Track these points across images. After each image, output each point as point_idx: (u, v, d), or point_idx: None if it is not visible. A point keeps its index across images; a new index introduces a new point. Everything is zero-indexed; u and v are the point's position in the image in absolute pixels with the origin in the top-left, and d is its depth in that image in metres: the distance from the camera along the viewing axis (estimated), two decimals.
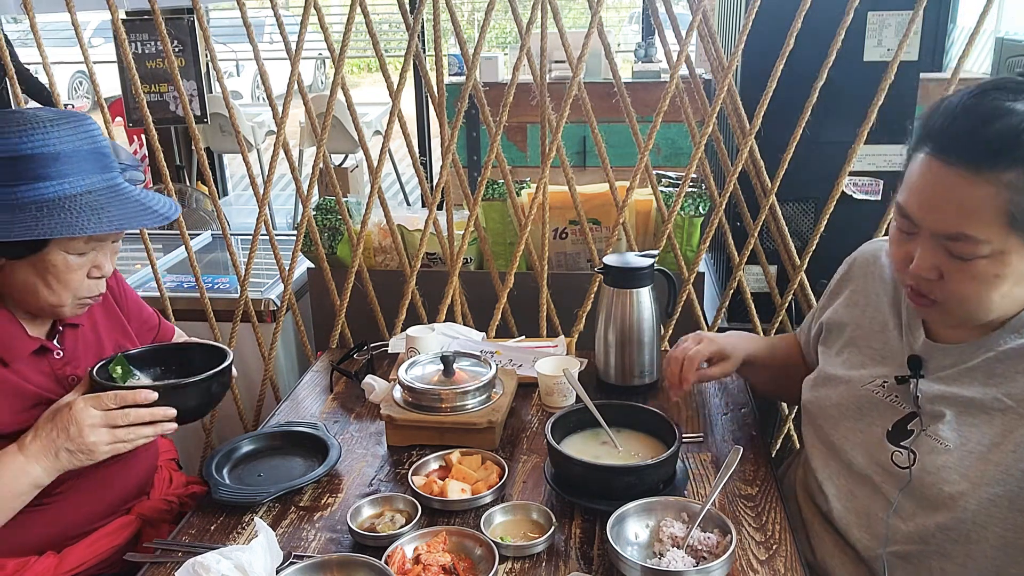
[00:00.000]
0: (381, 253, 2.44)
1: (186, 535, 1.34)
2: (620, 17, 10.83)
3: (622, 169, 2.16)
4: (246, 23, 2.11)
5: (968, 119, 1.09)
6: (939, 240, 1.12)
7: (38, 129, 1.30)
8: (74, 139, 1.33)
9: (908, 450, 1.24)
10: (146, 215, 1.39)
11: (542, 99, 2.07)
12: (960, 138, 1.08)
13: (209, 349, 1.58)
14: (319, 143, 2.17)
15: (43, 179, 1.30)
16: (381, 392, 1.76)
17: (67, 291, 1.38)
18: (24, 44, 6.06)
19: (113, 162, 1.41)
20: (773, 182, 2.03)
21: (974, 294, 1.13)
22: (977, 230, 1.08)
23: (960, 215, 1.09)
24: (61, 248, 1.35)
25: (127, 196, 1.39)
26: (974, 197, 1.07)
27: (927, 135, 1.13)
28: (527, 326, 2.22)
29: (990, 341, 1.22)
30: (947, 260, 1.13)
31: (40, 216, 1.29)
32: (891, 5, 2.01)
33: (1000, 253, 1.09)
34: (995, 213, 1.07)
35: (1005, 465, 1.16)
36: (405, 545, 1.23)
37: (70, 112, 1.37)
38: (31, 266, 1.35)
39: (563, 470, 1.39)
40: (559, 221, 2.32)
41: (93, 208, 1.32)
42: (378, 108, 6.25)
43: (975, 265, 1.11)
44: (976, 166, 1.07)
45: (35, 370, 1.44)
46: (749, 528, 1.32)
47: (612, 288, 1.78)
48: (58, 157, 1.31)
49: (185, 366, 1.56)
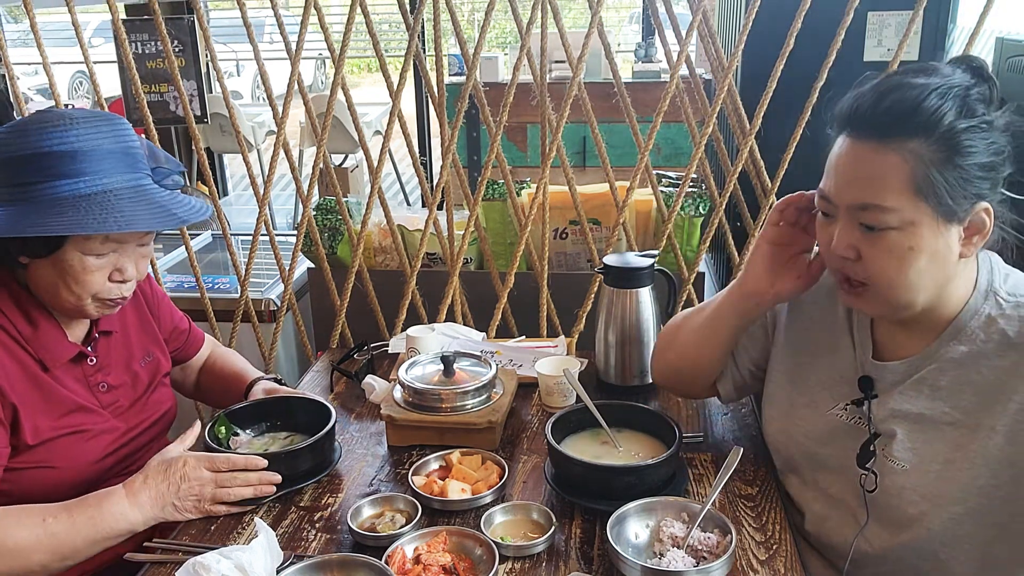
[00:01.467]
0: (381, 253, 2.44)
1: (186, 535, 1.34)
2: (620, 17, 10.83)
3: (622, 169, 2.16)
4: (246, 23, 2.11)
5: (872, 94, 1.13)
6: (853, 214, 1.14)
7: (59, 127, 1.30)
8: (97, 137, 1.32)
9: (871, 472, 1.24)
10: (163, 217, 1.36)
11: (542, 99, 2.07)
12: (865, 113, 1.12)
13: (308, 403, 1.60)
14: (319, 143, 2.17)
15: (60, 176, 1.29)
16: (381, 392, 1.76)
17: (85, 292, 1.37)
18: (24, 44, 6.06)
19: (141, 163, 1.39)
20: (773, 182, 2.03)
21: (892, 270, 1.13)
22: (884, 198, 1.10)
23: (869, 185, 1.11)
24: (77, 248, 1.34)
25: (150, 198, 1.37)
26: (881, 166, 1.10)
27: (840, 119, 1.17)
28: (527, 326, 2.22)
29: (932, 352, 1.21)
30: (862, 236, 1.14)
31: (50, 214, 1.28)
32: (891, 5, 2.02)
33: (910, 224, 1.10)
34: (901, 181, 1.09)
35: (962, 483, 1.16)
36: (405, 545, 1.23)
37: (101, 112, 1.37)
38: (51, 265, 1.35)
39: (563, 470, 1.39)
40: (559, 221, 2.32)
41: (104, 207, 1.30)
42: (378, 108, 6.24)
43: (887, 237, 1.12)
44: (881, 137, 1.10)
45: (70, 376, 1.44)
46: (749, 528, 1.31)
47: (612, 288, 1.78)
48: (76, 155, 1.30)
49: (288, 420, 1.59)
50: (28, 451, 1.37)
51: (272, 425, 1.59)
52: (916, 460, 1.20)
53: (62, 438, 1.40)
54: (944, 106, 1.08)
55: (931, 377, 1.21)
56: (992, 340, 1.17)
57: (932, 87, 1.09)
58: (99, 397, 1.48)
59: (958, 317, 1.20)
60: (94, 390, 1.48)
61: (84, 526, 1.29)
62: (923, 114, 1.08)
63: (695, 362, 1.49)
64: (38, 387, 1.39)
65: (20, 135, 1.30)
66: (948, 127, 1.08)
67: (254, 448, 1.51)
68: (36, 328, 1.40)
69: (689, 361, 1.50)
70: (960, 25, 2.27)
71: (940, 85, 1.10)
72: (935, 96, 1.09)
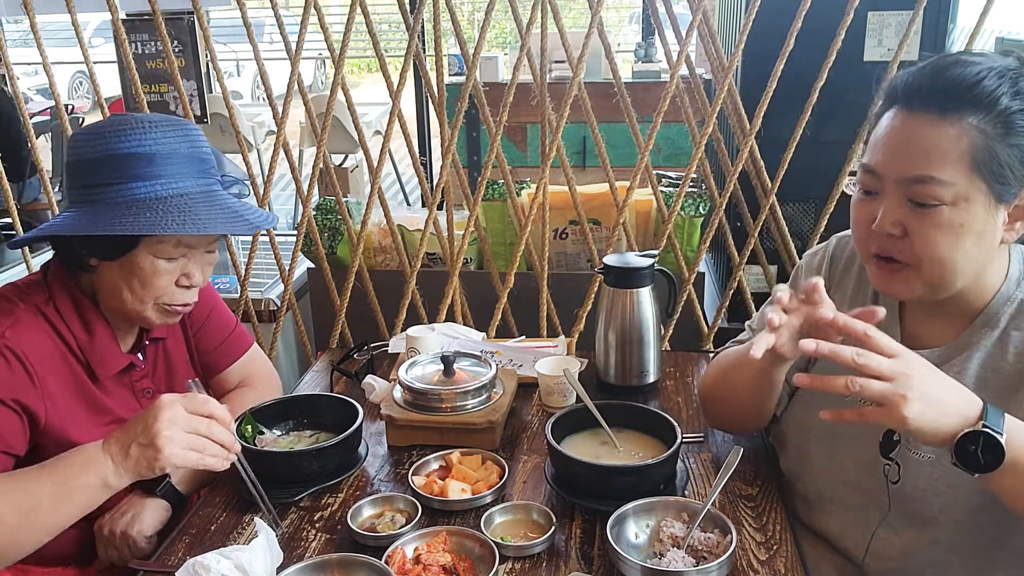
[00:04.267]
0: (381, 253, 2.44)
1: (186, 534, 1.34)
2: (620, 17, 10.83)
3: (622, 169, 2.16)
4: (246, 23, 2.11)
5: (929, 69, 1.13)
6: (904, 187, 1.12)
7: (136, 130, 1.30)
8: (172, 141, 1.32)
9: (895, 462, 1.24)
10: (236, 222, 1.37)
11: (542, 99, 2.07)
12: (922, 87, 1.12)
13: (333, 401, 1.59)
14: (319, 143, 2.17)
15: (137, 179, 1.30)
16: (381, 392, 1.76)
17: (150, 296, 1.37)
18: (24, 44, 6.05)
19: (212, 169, 1.40)
20: (773, 182, 2.03)
21: (940, 248, 1.12)
22: (941, 171, 1.09)
23: (925, 157, 1.10)
24: (150, 251, 1.34)
25: (221, 203, 1.37)
26: (939, 138, 1.09)
27: (892, 94, 1.16)
28: (527, 326, 2.22)
29: (966, 339, 1.20)
30: (910, 212, 1.12)
31: (128, 214, 1.28)
32: (891, 5, 2.01)
33: (964, 200, 1.10)
34: (958, 154, 1.08)
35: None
36: (405, 545, 1.23)
37: (174, 118, 1.37)
38: (119, 268, 1.35)
39: (563, 470, 1.38)
40: (559, 221, 2.32)
41: (181, 210, 1.31)
42: (378, 108, 6.24)
43: (939, 213, 1.10)
44: (940, 109, 1.10)
45: (117, 384, 1.45)
46: (749, 528, 1.31)
47: (612, 288, 1.78)
48: (153, 158, 1.30)
49: (314, 419, 1.58)
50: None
51: (298, 423, 1.59)
52: (942, 450, 1.20)
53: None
54: (1002, 86, 1.08)
55: (959, 364, 1.20)
56: (1021, 328, 1.17)
57: (990, 66, 1.10)
58: (142, 403, 1.48)
59: (990, 304, 1.19)
60: (139, 396, 1.48)
61: (49, 475, 1.22)
62: (983, 90, 1.08)
63: (760, 407, 1.42)
64: (84, 397, 1.39)
65: (96, 138, 1.31)
66: (1005, 107, 1.08)
67: (280, 447, 1.51)
68: (92, 337, 1.40)
69: (755, 407, 1.42)
70: (960, 25, 2.26)
71: (998, 65, 1.10)
72: (994, 75, 1.09)
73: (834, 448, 1.33)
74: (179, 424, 1.22)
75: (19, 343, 1.30)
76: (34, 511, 1.20)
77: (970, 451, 1.04)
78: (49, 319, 1.36)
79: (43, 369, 1.33)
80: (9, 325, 1.31)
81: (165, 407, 1.22)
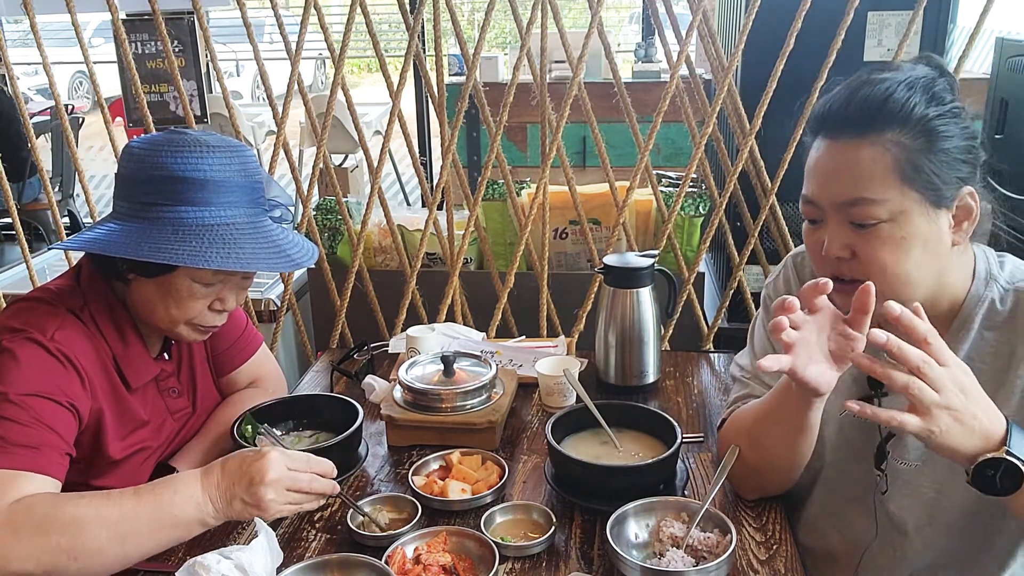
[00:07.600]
0: (381, 253, 2.44)
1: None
2: (620, 17, 10.82)
3: (622, 169, 2.16)
4: (246, 23, 2.11)
5: (843, 93, 1.15)
6: (842, 212, 1.14)
7: (194, 152, 1.29)
8: (227, 169, 1.31)
9: (884, 473, 1.24)
10: (278, 258, 1.35)
11: (542, 99, 2.07)
12: (838, 112, 1.14)
13: (333, 401, 1.59)
14: (319, 143, 2.17)
15: (187, 203, 1.29)
16: (381, 392, 1.76)
17: (183, 316, 1.37)
18: (24, 44, 6.06)
19: (262, 198, 1.38)
20: (773, 182, 2.03)
21: (888, 263, 1.13)
22: (871, 190, 1.11)
23: (853, 180, 1.12)
24: (188, 275, 1.33)
25: (266, 235, 1.36)
26: (863, 160, 1.11)
27: (815, 124, 1.18)
28: (527, 326, 2.22)
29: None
30: (853, 233, 1.14)
31: (174, 240, 1.27)
32: (891, 5, 2.01)
33: (900, 213, 1.11)
34: (884, 170, 1.10)
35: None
36: (405, 545, 1.23)
37: (230, 140, 1.35)
38: (156, 286, 1.35)
39: (563, 470, 1.39)
40: (559, 221, 2.32)
41: (226, 242, 1.29)
42: (378, 108, 6.24)
43: (880, 230, 1.12)
44: (857, 131, 1.12)
45: (145, 387, 1.45)
46: (749, 528, 1.31)
47: (612, 288, 1.78)
48: (206, 184, 1.29)
49: (313, 419, 1.58)
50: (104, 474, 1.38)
51: (298, 424, 1.59)
52: (927, 456, 1.20)
53: (126, 460, 1.40)
54: (913, 96, 1.10)
55: None
56: (996, 326, 1.18)
57: (898, 80, 1.12)
58: (168, 402, 1.49)
59: (963, 307, 1.20)
60: (164, 395, 1.49)
61: (148, 504, 1.20)
62: (895, 104, 1.10)
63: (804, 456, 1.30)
64: (118, 404, 1.39)
65: (153, 154, 1.29)
66: (921, 115, 1.10)
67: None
68: (127, 347, 1.40)
69: (799, 460, 1.30)
70: (960, 25, 2.27)
71: (906, 78, 1.12)
72: (903, 88, 1.11)
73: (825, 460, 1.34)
74: (283, 483, 1.24)
75: (70, 346, 1.30)
76: (131, 541, 1.19)
77: (988, 475, 1.02)
78: (86, 325, 1.36)
79: (91, 373, 1.33)
80: (57, 327, 1.30)
81: (271, 468, 1.23)
